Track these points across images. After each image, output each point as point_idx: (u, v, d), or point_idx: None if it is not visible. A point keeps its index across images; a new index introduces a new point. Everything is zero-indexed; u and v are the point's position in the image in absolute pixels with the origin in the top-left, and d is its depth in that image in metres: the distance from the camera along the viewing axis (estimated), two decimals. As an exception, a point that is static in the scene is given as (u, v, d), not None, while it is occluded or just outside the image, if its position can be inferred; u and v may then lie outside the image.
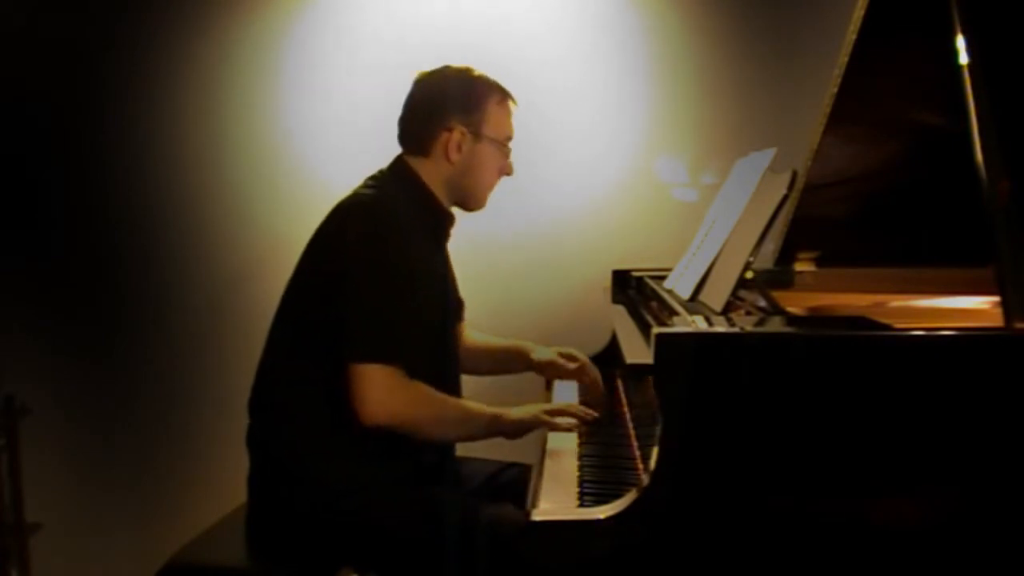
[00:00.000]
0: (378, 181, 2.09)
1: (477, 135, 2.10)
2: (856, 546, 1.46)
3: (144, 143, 3.18)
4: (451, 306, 2.24)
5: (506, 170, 2.19)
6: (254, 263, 3.14)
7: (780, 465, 1.46)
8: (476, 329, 2.49)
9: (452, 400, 2.04)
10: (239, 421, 2.06)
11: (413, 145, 2.12)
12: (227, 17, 3.14)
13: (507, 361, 2.46)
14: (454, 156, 2.09)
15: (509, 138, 2.17)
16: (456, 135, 2.08)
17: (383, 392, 1.88)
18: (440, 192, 2.12)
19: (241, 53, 3.15)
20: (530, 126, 3.06)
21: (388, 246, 1.94)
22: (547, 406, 2.12)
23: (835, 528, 1.47)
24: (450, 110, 2.09)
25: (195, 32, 3.14)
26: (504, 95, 2.16)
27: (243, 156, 3.17)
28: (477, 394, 2.23)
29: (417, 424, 1.94)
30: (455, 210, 2.18)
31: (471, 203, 2.18)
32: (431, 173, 2.11)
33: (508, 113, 2.17)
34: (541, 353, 2.39)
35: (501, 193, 2.82)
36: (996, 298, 1.58)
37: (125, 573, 3.09)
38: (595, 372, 2.35)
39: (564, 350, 2.38)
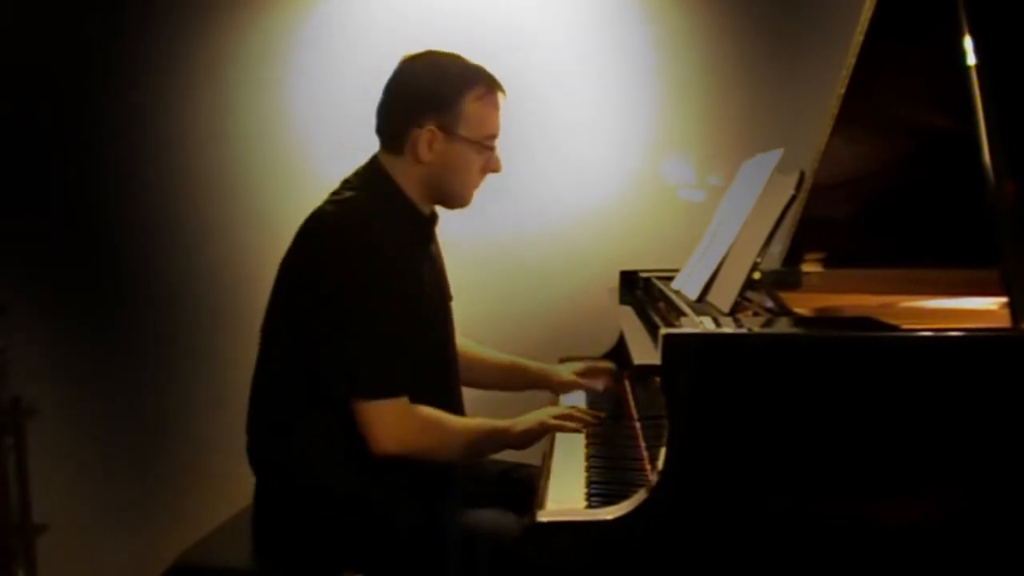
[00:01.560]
0: (350, 187, 1.98)
1: (450, 135, 1.95)
2: (865, 548, 1.46)
3: (147, 144, 3.19)
4: (447, 314, 2.19)
5: (491, 167, 2.03)
6: (260, 264, 3.13)
7: (788, 466, 1.46)
8: (481, 330, 2.48)
9: (460, 422, 2.02)
10: (245, 423, 2.06)
11: (386, 140, 2.00)
12: (234, 12, 3.14)
13: (511, 378, 2.45)
14: (425, 156, 1.95)
15: (492, 136, 2.01)
16: (426, 134, 1.93)
17: (393, 427, 1.87)
18: (416, 192, 2.00)
19: (249, 48, 3.15)
20: (537, 127, 3.09)
21: (367, 271, 1.85)
22: (552, 410, 2.12)
23: (843, 529, 1.46)
24: (422, 106, 1.94)
25: (201, 27, 3.15)
26: (489, 88, 1.99)
27: (249, 155, 3.17)
28: (481, 401, 2.23)
29: (428, 450, 1.93)
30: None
31: (451, 203, 2.06)
32: (404, 173, 1.98)
33: (492, 108, 2.01)
34: (561, 375, 2.43)
35: (507, 194, 2.82)
36: (1004, 299, 1.58)
37: (131, 574, 3.10)
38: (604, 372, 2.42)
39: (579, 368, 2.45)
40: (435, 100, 1.94)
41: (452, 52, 2.02)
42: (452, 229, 3.06)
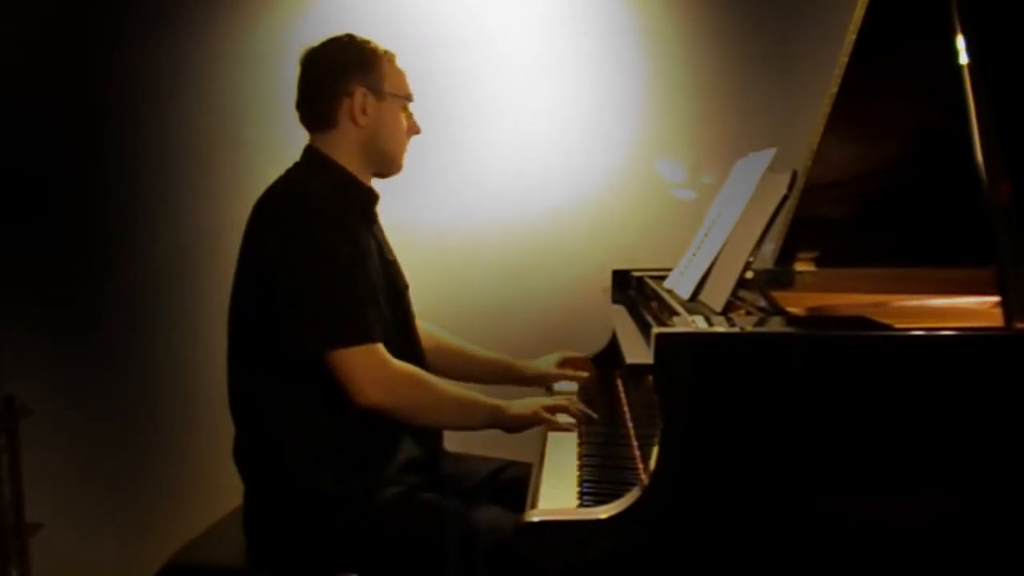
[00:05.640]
0: (288, 173, 2.07)
1: (379, 94, 2.06)
2: (857, 546, 1.46)
3: (149, 144, 3.18)
4: (403, 300, 2.20)
5: (414, 128, 2.15)
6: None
7: (780, 465, 1.46)
8: (474, 330, 2.48)
9: (450, 386, 2.05)
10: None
11: (318, 122, 2.08)
12: (235, 11, 3.14)
13: (498, 375, 2.47)
14: (361, 120, 2.04)
15: (409, 96, 2.14)
16: (359, 97, 2.04)
17: (373, 371, 1.88)
18: (355, 164, 2.08)
19: (249, 48, 3.15)
20: (529, 125, 3.09)
21: (307, 233, 1.92)
22: (546, 401, 2.13)
23: (835, 528, 1.47)
24: (348, 74, 2.05)
25: (202, 26, 3.15)
26: (391, 55, 2.12)
27: (247, 158, 3.16)
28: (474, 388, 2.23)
29: (416, 405, 1.95)
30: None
31: (388, 166, 2.13)
32: (342, 146, 2.06)
33: (401, 72, 2.13)
34: (543, 369, 2.45)
35: (500, 193, 2.82)
36: (996, 298, 1.58)
37: (125, 573, 3.09)
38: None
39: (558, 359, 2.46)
40: (358, 65, 2.06)
41: (344, 33, 2.12)
42: (447, 229, 3.09)
